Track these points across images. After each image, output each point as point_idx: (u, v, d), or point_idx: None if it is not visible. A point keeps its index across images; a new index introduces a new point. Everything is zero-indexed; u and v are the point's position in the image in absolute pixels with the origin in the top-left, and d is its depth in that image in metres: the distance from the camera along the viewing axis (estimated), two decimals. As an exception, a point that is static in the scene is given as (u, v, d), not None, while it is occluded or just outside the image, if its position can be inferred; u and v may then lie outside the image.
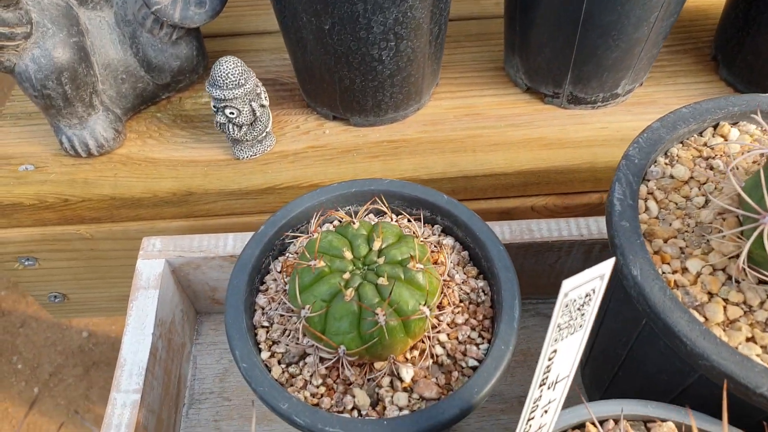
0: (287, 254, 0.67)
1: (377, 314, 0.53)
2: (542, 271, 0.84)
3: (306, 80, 0.89)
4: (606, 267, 0.40)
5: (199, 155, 0.89)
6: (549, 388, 0.47)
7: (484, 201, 0.89)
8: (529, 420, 0.46)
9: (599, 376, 0.74)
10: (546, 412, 0.48)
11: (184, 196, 0.85)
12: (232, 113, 0.82)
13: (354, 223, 0.59)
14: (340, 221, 0.69)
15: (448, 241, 0.66)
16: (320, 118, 0.92)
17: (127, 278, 0.97)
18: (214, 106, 0.82)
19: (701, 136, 0.66)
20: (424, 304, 0.55)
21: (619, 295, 0.62)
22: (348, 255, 0.57)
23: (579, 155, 0.87)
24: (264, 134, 0.86)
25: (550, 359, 0.44)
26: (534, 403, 0.46)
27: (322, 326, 0.55)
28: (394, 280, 0.55)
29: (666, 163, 0.64)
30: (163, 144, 0.91)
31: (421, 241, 0.59)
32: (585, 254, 0.82)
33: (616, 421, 0.53)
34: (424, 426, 0.52)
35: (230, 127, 0.83)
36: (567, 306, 0.41)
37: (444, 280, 0.61)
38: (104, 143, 0.88)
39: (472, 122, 0.91)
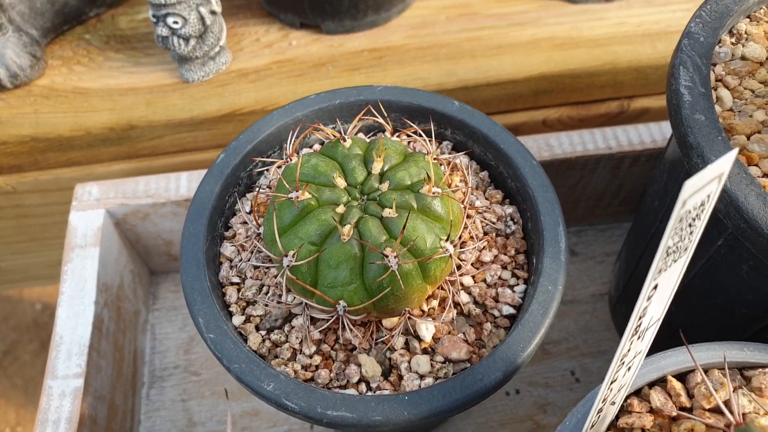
0: (257, 189, 0.52)
1: (387, 256, 0.39)
2: (561, 195, 0.71)
3: (264, -20, 0.72)
4: (725, 163, 0.27)
5: (140, 81, 0.72)
6: (639, 337, 0.34)
7: (488, 117, 0.74)
8: (611, 383, 0.34)
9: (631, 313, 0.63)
10: (629, 368, 0.36)
11: (124, 131, 0.69)
12: (176, 22, 0.65)
13: (344, 141, 0.45)
14: (323, 143, 0.55)
15: (463, 159, 0.52)
16: (284, 28, 0.76)
17: (63, 238, 0.81)
18: (154, 16, 0.65)
19: (771, 7, 0.53)
20: (447, 239, 0.41)
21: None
22: (340, 182, 0.43)
23: (597, 56, 0.73)
24: (217, 49, 0.70)
25: (648, 298, 0.31)
26: (620, 360, 0.33)
27: (312, 277, 0.41)
28: (406, 211, 0.41)
29: (733, 43, 0.51)
30: (94, 71, 0.74)
31: (435, 159, 0.45)
32: (612, 171, 0.69)
33: (706, 371, 0.40)
34: (458, 399, 0.39)
35: (175, 40, 0.67)
36: (681, 220, 0.28)
37: (463, 208, 0.47)
38: (18, 72, 0.71)
39: (468, 23, 0.75)
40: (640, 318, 0.32)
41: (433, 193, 0.42)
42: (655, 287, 0.31)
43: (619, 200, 0.74)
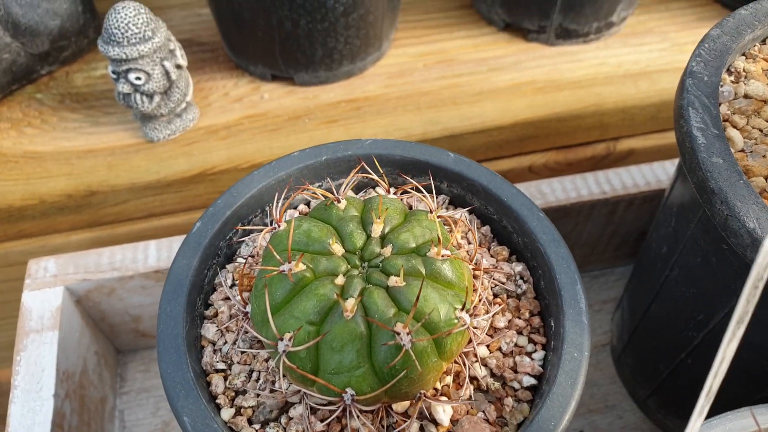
0: (237, 259, 0.47)
1: (398, 334, 0.34)
2: (555, 244, 0.68)
3: (233, 32, 0.68)
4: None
5: (99, 142, 0.66)
6: (700, 414, 0.30)
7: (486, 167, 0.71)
8: None
9: (649, 365, 0.59)
10: None
11: (83, 197, 0.63)
12: (139, 78, 0.60)
13: (338, 202, 0.40)
14: (308, 203, 0.50)
15: (463, 214, 0.48)
16: (255, 80, 0.72)
17: (15, 317, 0.73)
18: (114, 72, 0.61)
19: (765, 44, 0.51)
20: (462, 309, 0.37)
21: (701, 258, 0.46)
22: (337, 249, 0.38)
23: (581, 97, 0.71)
24: (183, 105, 0.65)
25: (715, 375, 0.27)
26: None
27: (313, 363, 0.35)
28: (415, 278, 0.36)
29: (733, 81, 0.49)
30: (47, 132, 0.68)
31: (439, 217, 0.40)
32: (607, 216, 0.66)
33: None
34: (490, 494, 0.34)
35: (137, 98, 0.62)
36: (756, 287, 0.25)
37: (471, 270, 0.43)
38: (-38, 139, 0.64)
39: (446, 69, 0.73)
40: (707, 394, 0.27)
41: (443, 256, 0.37)
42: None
43: (614, 245, 0.72)
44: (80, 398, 0.56)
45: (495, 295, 0.45)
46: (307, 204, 0.50)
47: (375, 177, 0.43)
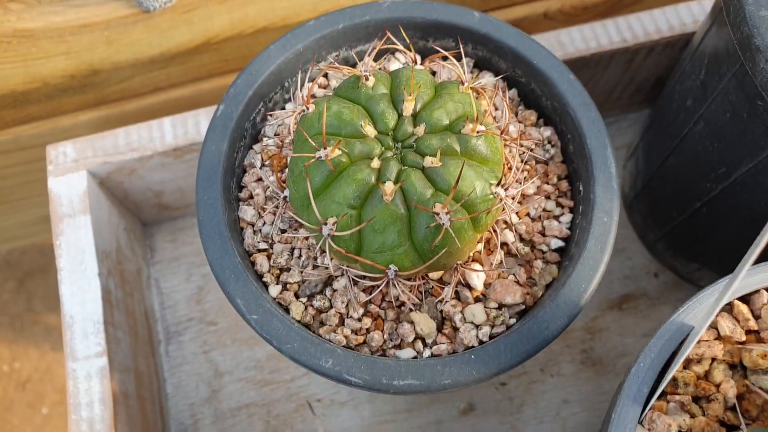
0: (263, 139, 0.47)
1: (438, 214, 0.35)
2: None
3: None
4: None
5: (91, 15, 0.62)
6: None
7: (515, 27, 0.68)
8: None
9: (662, 212, 0.61)
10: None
11: (86, 77, 0.61)
12: (123, -59, 0.55)
13: (366, 78, 0.39)
14: (326, 75, 0.48)
15: (489, 78, 0.47)
16: (249, -68, 0.66)
17: (36, 197, 0.74)
18: (93, -65, 0.55)
19: None
20: (498, 184, 0.38)
21: (730, 114, 0.46)
22: (370, 130, 0.38)
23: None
24: (176, -33, 0.60)
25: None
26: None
27: (357, 244, 0.37)
28: (452, 158, 0.37)
29: None
30: (34, 7, 0.63)
31: (471, 88, 0.40)
32: (626, 65, 0.65)
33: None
34: (526, 350, 0.37)
35: (125, -37, 0.57)
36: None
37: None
38: (-56, 18, 0.60)
39: None
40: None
41: (478, 132, 0.37)
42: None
43: (630, 92, 0.71)
44: (120, 273, 0.59)
45: (523, 161, 0.45)
46: (325, 76, 0.49)
47: (400, 46, 0.42)
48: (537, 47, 0.44)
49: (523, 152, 0.45)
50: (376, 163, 0.37)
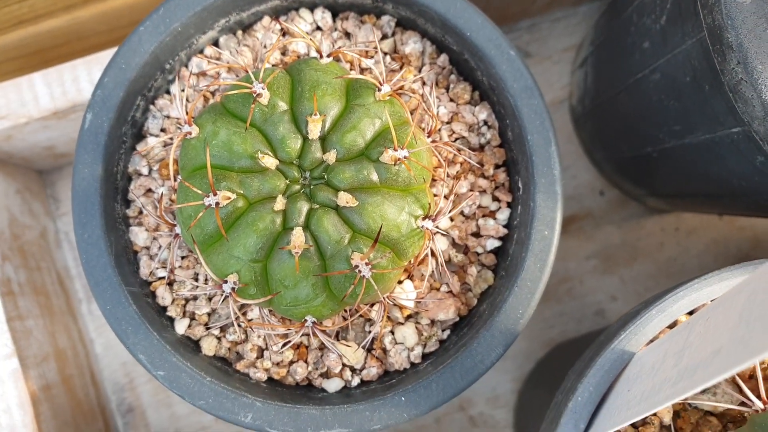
0: (148, 137, 0.39)
1: (357, 266, 0.30)
2: None
3: None
4: None
5: None
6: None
7: None
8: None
9: (610, 140, 0.57)
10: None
11: None
12: None
13: (258, 93, 0.31)
14: (216, 44, 0.39)
15: (414, 45, 0.39)
16: None
17: None
18: None
19: None
20: (425, 217, 0.33)
21: (691, 79, 0.40)
22: (270, 161, 0.31)
23: None
24: None
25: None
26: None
27: (265, 292, 0.32)
28: (367, 193, 0.31)
29: None
30: None
31: (391, 95, 0.32)
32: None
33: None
34: (459, 387, 0.35)
35: None
36: None
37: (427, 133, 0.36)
38: None
39: None
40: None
41: (398, 158, 0.31)
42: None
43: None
44: (19, 249, 0.53)
45: (457, 149, 0.39)
46: (215, 44, 0.39)
47: (300, 32, 0.33)
48: (470, 13, 0.36)
49: (456, 138, 0.39)
50: (280, 204, 0.31)
